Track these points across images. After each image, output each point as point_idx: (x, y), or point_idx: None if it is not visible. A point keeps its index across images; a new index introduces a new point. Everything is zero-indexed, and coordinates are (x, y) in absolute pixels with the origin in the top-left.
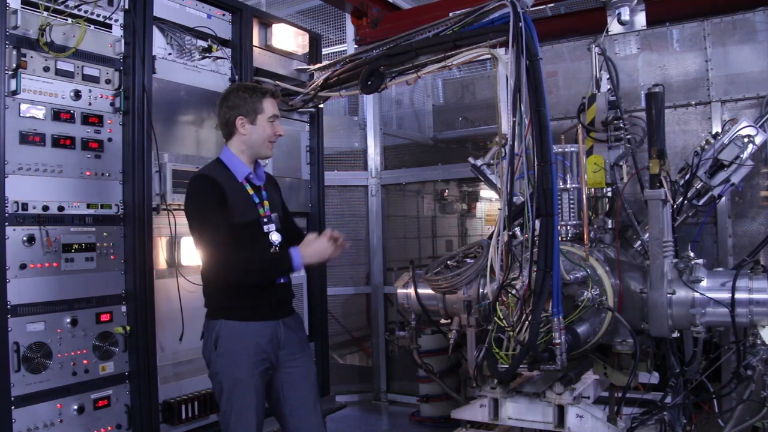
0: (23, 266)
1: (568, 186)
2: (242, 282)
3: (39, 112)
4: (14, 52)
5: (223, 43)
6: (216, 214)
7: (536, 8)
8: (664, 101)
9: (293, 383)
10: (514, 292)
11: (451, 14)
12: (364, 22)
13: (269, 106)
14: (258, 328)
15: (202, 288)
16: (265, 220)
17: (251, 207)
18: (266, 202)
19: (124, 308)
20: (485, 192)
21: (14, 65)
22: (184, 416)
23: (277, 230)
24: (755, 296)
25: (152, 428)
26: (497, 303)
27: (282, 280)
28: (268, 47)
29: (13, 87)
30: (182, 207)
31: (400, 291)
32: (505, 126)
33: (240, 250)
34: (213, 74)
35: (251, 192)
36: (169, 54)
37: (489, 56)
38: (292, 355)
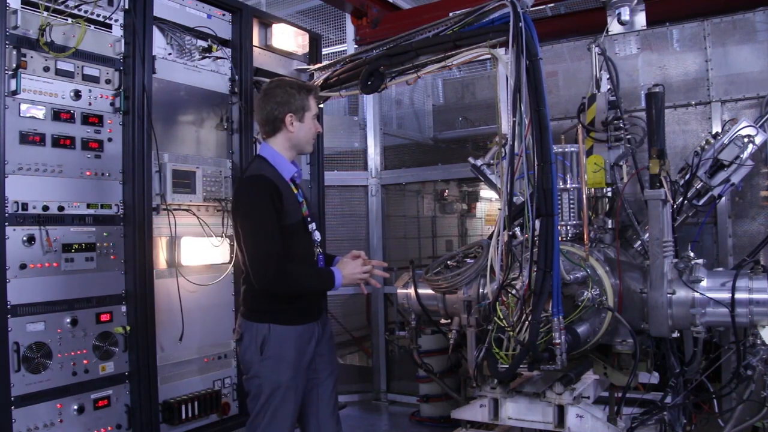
0: (23, 266)
1: (568, 186)
2: (290, 294)
3: (39, 112)
4: (14, 52)
5: (223, 43)
6: (272, 221)
7: (536, 8)
8: (664, 101)
9: (318, 379)
10: (514, 292)
11: (451, 14)
12: (364, 22)
13: (314, 104)
14: (303, 331)
15: (243, 290)
16: (309, 219)
17: (298, 206)
18: (305, 201)
19: (124, 308)
20: (485, 192)
21: (14, 65)
22: (184, 416)
23: (317, 228)
24: (755, 296)
25: (152, 428)
26: (497, 303)
27: None
28: (268, 47)
29: (13, 87)
30: (182, 207)
31: (400, 291)
32: (505, 126)
33: (291, 263)
34: (213, 74)
35: (295, 191)
36: (169, 54)
37: (489, 56)
38: (321, 352)
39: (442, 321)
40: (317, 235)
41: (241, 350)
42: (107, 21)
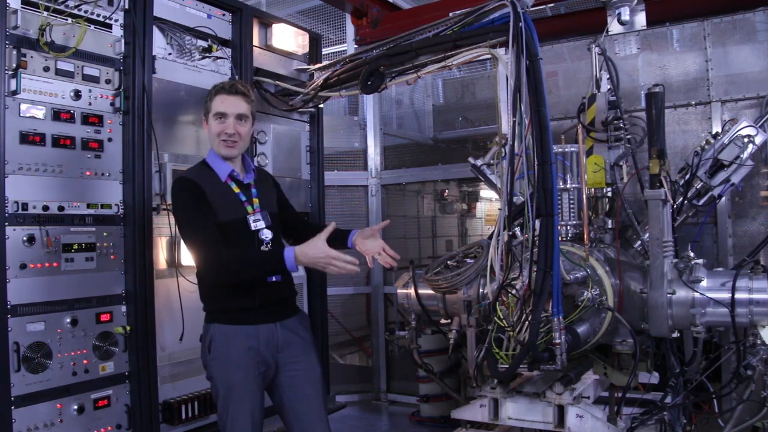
0: (23, 266)
1: (568, 186)
2: (230, 280)
3: (39, 112)
4: (14, 52)
5: (223, 43)
6: (200, 213)
7: (536, 8)
8: (664, 101)
9: (295, 387)
10: (514, 292)
11: (451, 14)
12: (364, 22)
13: (217, 103)
14: (250, 331)
15: (198, 290)
16: (253, 218)
17: (236, 205)
18: (255, 200)
19: (124, 308)
20: (485, 192)
21: (14, 65)
22: (184, 416)
23: (268, 227)
24: (755, 296)
25: (152, 428)
26: (497, 303)
27: (273, 279)
28: (268, 47)
29: (13, 87)
30: None
31: (400, 291)
32: (505, 126)
33: (227, 248)
34: (213, 74)
35: (237, 190)
36: (169, 54)
37: (489, 56)
38: (294, 358)
39: (442, 321)
40: (266, 234)
41: (201, 352)
42: (107, 21)
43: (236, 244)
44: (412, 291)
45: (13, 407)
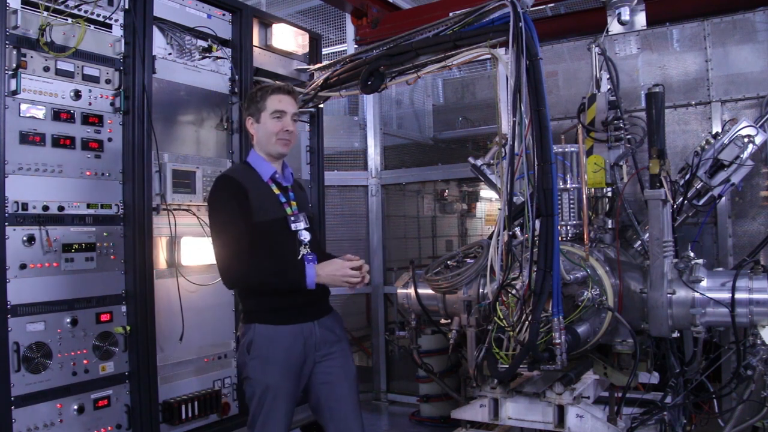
0: (23, 266)
1: (568, 186)
2: (253, 291)
3: (39, 112)
4: (14, 52)
5: (223, 43)
6: (235, 221)
7: (536, 8)
8: (664, 101)
9: (331, 383)
10: (514, 292)
11: (451, 14)
12: (364, 22)
13: (273, 102)
14: (291, 331)
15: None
16: (293, 218)
17: (277, 205)
18: (293, 203)
19: (124, 308)
20: (485, 192)
21: (14, 65)
22: (184, 416)
23: (306, 229)
24: (755, 296)
25: (152, 428)
26: (497, 303)
27: None
28: (268, 47)
29: (13, 87)
30: (182, 207)
31: (400, 291)
32: (505, 126)
33: (255, 260)
34: (213, 74)
35: (277, 192)
36: (169, 54)
37: (489, 56)
38: (329, 355)
39: (442, 321)
40: (304, 235)
41: (238, 352)
42: (107, 21)
43: (277, 243)
44: (412, 291)
45: (13, 407)
